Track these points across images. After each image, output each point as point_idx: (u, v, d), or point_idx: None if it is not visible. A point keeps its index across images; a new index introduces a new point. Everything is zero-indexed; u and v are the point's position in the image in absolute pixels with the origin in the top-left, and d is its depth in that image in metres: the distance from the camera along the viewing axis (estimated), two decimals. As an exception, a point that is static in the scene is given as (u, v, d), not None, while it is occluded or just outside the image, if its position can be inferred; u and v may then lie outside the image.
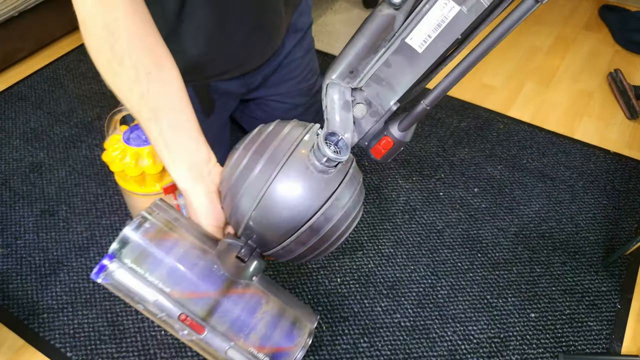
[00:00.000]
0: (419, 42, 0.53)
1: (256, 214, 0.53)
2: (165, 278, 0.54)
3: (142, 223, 0.54)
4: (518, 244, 1.04)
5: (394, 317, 0.91)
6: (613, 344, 0.89)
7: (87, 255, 0.99)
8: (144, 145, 0.76)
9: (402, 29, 0.52)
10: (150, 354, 0.85)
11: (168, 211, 0.58)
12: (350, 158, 0.56)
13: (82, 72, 1.42)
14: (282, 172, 0.52)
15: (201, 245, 0.56)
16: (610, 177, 1.18)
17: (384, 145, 0.58)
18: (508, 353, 0.87)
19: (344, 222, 0.55)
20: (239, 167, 0.54)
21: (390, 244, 1.03)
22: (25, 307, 0.91)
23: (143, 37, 0.62)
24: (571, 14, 1.76)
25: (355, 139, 0.58)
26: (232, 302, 0.55)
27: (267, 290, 0.58)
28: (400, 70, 0.56)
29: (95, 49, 0.60)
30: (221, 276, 0.55)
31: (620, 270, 0.99)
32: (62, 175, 1.14)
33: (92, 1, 0.59)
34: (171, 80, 0.62)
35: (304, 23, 1.01)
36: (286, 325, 0.57)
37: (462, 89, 1.43)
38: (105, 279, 0.53)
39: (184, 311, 0.54)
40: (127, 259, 0.53)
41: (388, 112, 0.58)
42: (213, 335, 0.54)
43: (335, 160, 0.52)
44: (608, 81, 1.46)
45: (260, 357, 0.55)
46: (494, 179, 1.17)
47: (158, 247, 0.55)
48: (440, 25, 0.51)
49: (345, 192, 0.54)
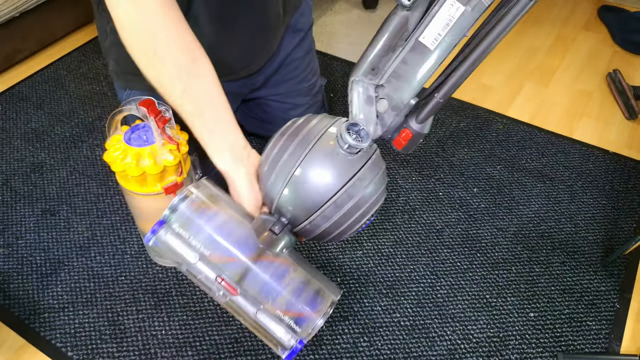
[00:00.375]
0: (430, 40, 0.58)
1: (287, 191, 0.61)
2: (206, 243, 0.62)
3: (188, 195, 0.63)
4: (517, 243, 1.04)
5: (394, 316, 0.91)
6: (612, 343, 0.89)
7: (88, 255, 0.99)
8: (145, 145, 0.76)
9: (416, 29, 0.57)
10: (150, 353, 0.85)
11: (212, 188, 0.66)
12: (373, 147, 0.64)
13: (83, 72, 1.42)
14: (309, 155, 0.60)
15: (239, 217, 0.64)
16: (609, 177, 1.19)
17: (404, 137, 0.65)
18: (507, 352, 0.87)
19: (365, 202, 0.62)
20: (273, 151, 0.62)
21: (390, 244, 1.03)
22: (26, 307, 0.91)
23: (179, 34, 0.66)
24: (570, 14, 1.76)
25: (379, 131, 0.64)
26: (263, 269, 0.62)
27: (295, 262, 0.64)
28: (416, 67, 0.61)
29: (136, 50, 0.65)
30: (255, 246, 0.62)
31: (619, 270, 1.00)
32: (63, 176, 1.14)
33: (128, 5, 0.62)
34: (207, 74, 0.67)
35: (304, 24, 1.02)
36: (310, 294, 0.63)
37: (461, 89, 1.43)
38: (155, 242, 0.62)
39: (221, 274, 0.62)
40: (175, 225, 0.62)
41: (407, 106, 0.63)
42: (245, 297, 0.62)
43: (356, 147, 0.59)
44: (607, 81, 1.47)
45: (285, 320, 0.62)
46: (493, 179, 1.17)
47: (201, 216, 0.63)
48: (448, 25, 0.56)
49: (366, 175, 0.61)
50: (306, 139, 0.61)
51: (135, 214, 0.89)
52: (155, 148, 0.76)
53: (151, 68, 0.65)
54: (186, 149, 0.79)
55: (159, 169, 0.75)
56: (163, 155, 0.76)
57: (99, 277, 0.96)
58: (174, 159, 0.76)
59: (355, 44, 1.59)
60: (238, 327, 0.89)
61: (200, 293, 0.94)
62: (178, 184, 0.80)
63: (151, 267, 0.97)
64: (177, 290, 0.94)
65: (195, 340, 0.87)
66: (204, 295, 0.93)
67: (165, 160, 0.76)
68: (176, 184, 0.79)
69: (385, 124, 0.65)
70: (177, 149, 0.76)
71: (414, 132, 0.64)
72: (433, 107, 0.61)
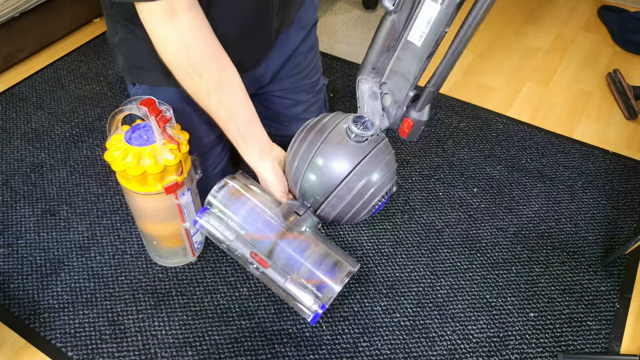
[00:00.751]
0: (417, 38, 0.66)
1: (306, 176, 0.73)
2: (240, 223, 0.77)
3: (225, 184, 0.78)
4: (517, 243, 1.04)
5: (394, 316, 0.91)
6: (612, 343, 0.89)
7: (88, 254, 0.99)
8: (145, 144, 0.76)
9: (404, 30, 0.66)
10: (150, 353, 0.85)
11: (246, 179, 0.81)
12: (380, 137, 0.74)
13: (83, 72, 1.42)
14: (323, 145, 0.71)
15: (268, 202, 0.78)
16: (609, 177, 1.19)
17: (407, 125, 0.74)
18: (507, 352, 0.87)
19: (373, 184, 0.72)
20: (295, 144, 0.75)
21: (390, 244, 1.03)
22: (26, 307, 0.91)
23: (212, 48, 0.74)
24: (570, 14, 1.76)
25: (386, 122, 0.75)
26: (288, 244, 0.76)
27: (315, 239, 0.77)
28: (409, 63, 0.69)
29: (175, 65, 0.73)
30: (281, 226, 0.76)
31: (619, 269, 1.00)
32: (63, 176, 1.14)
33: (166, 25, 0.69)
34: (235, 80, 0.77)
35: (309, 20, 1.03)
36: (329, 264, 0.75)
37: (461, 89, 1.43)
38: (201, 225, 0.78)
39: (254, 250, 0.76)
40: (215, 209, 0.78)
41: (407, 98, 0.72)
42: (274, 269, 0.75)
43: (362, 135, 0.70)
44: (607, 81, 1.47)
45: (309, 287, 0.75)
46: (493, 179, 1.17)
47: (236, 201, 0.78)
48: (429, 22, 0.63)
49: (373, 159, 0.72)
50: (321, 132, 0.73)
51: (135, 213, 0.89)
52: (155, 147, 0.76)
53: (189, 80, 0.74)
54: (187, 149, 0.79)
55: (159, 169, 0.75)
56: (164, 154, 0.76)
57: (99, 277, 0.96)
58: (174, 158, 0.76)
59: (355, 44, 1.59)
60: (238, 327, 0.89)
61: (200, 293, 0.94)
62: (179, 184, 0.80)
63: (151, 267, 0.97)
64: (177, 290, 0.94)
65: (195, 340, 0.87)
66: (204, 295, 0.93)
67: (166, 159, 0.76)
68: (177, 183, 0.79)
69: (391, 115, 0.75)
70: (178, 149, 0.76)
71: (415, 120, 0.74)
72: (427, 96, 0.70)
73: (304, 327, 0.90)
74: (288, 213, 0.75)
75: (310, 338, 0.88)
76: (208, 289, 0.94)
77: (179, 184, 0.80)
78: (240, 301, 0.93)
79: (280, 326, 0.89)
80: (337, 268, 0.75)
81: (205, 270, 0.97)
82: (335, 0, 1.79)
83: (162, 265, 0.98)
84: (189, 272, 0.97)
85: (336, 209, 0.74)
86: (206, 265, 0.98)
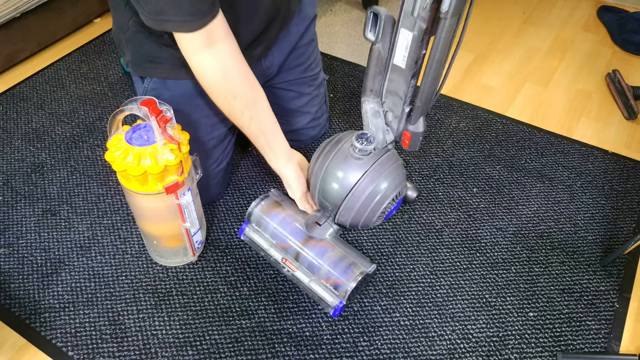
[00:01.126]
0: (400, 60, 0.77)
1: (320, 187, 0.85)
2: (272, 234, 0.93)
3: (260, 202, 0.95)
4: (517, 243, 1.04)
5: (394, 316, 0.92)
6: (611, 343, 0.90)
7: (89, 254, 0.99)
8: (146, 145, 0.77)
9: (389, 55, 0.77)
10: (151, 352, 0.85)
11: (276, 197, 0.96)
12: (384, 149, 0.84)
13: (83, 72, 1.43)
14: (332, 161, 0.83)
15: (294, 215, 0.93)
16: (608, 177, 1.19)
17: (406, 138, 0.86)
18: (507, 352, 0.88)
19: (380, 191, 0.82)
20: (313, 159, 0.88)
21: (390, 244, 1.03)
22: (27, 307, 0.91)
23: (246, 74, 0.82)
24: (570, 15, 1.76)
25: (391, 136, 0.86)
26: (310, 250, 0.89)
27: (334, 244, 0.90)
28: (398, 82, 0.80)
29: (215, 91, 0.82)
30: (304, 235, 0.90)
31: (619, 269, 1.00)
32: (64, 176, 1.15)
33: (208, 55, 0.76)
34: (262, 97, 0.87)
35: (308, 12, 1.07)
36: (344, 266, 0.87)
37: (460, 89, 1.43)
38: (246, 237, 0.98)
39: (285, 256, 0.92)
40: (253, 223, 0.96)
41: (403, 113, 0.83)
42: (301, 271, 0.90)
43: (365, 150, 0.80)
44: (606, 82, 1.47)
45: (328, 286, 0.88)
46: (492, 179, 1.17)
47: (268, 216, 0.94)
48: (407, 47, 0.74)
49: (378, 169, 0.81)
50: (333, 148, 0.84)
51: (136, 213, 0.89)
52: (156, 147, 0.76)
53: (226, 103, 0.83)
54: (187, 149, 0.79)
55: (160, 169, 0.76)
56: (164, 154, 0.76)
57: (99, 276, 0.96)
58: (175, 158, 0.77)
59: (355, 44, 1.59)
60: (238, 326, 0.89)
61: (200, 292, 0.94)
62: (179, 184, 0.80)
63: (152, 267, 0.98)
64: (177, 290, 0.94)
65: (196, 340, 0.87)
66: (204, 294, 0.94)
67: (167, 159, 0.76)
68: (177, 183, 0.79)
69: (393, 130, 0.86)
70: (179, 149, 0.77)
71: (412, 132, 0.85)
72: (417, 111, 0.81)
73: (304, 326, 0.90)
74: (311, 223, 0.89)
75: (310, 338, 0.88)
76: (208, 289, 0.95)
77: (180, 184, 0.80)
78: (241, 301, 0.93)
79: (280, 326, 0.90)
80: (351, 269, 0.86)
81: (206, 270, 0.97)
82: (335, 1, 1.79)
83: (162, 265, 0.98)
84: (190, 272, 0.97)
85: (350, 216, 0.84)
86: (206, 265, 0.98)
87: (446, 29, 0.66)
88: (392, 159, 0.85)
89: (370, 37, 0.75)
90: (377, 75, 0.80)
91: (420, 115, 0.82)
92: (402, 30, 0.72)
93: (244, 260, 0.99)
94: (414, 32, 0.71)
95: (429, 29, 0.71)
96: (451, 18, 0.65)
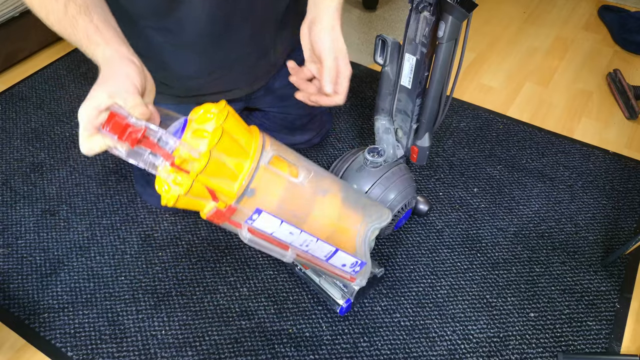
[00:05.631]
0: (406, 82, 0.87)
1: None
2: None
3: None
4: (517, 243, 1.04)
5: (394, 316, 0.91)
6: (612, 343, 0.89)
7: (88, 254, 0.99)
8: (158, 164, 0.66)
9: (397, 77, 0.87)
10: (150, 353, 0.85)
11: None
12: (395, 162, 0.92)
13: (82, 72, 1.42)
14: (347, 172, 0.91)
15: None
16: (609, 177, 1.19)
17: (414, 152, 0.96)
18: (507, 352, 0.87)
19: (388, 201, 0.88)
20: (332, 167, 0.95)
21: (390, 244, 1.03)
22: (26, 307, 0.91)
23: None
24: (570, 14, 1.76)
25: (401, 151, 0.96)
26: None
27: None
28: (406, 101, 0.90)
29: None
30: None
31: (620, 270, 1.00)
32: (63, 175, 1.14)
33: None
34: None
35: None
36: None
37: (461, 89, 1.43)
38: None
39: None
40: None
41: (411, 130, 0.93)
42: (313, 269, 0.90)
43: (375, 162, 0.89)
44: (607, 81, 1.47)
45: (337, 284, 0.89)
46: (493, 179, 1.17)
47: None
48: (411, 70, 0.85)
49: (386, 181, 0.89)
50: (346, 161, 0.93)
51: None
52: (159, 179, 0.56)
53: None
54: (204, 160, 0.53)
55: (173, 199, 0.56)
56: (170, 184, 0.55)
57: (98, 277, 0.96)
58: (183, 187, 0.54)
59: (355, 43, 1.59)
60: (238, 327, 0.89)
61: (200, 293, 0.94)
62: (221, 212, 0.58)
63: (151, 267, 0.97)
64: (177, 290, 0.94)
65: (195, 341, 0.87)
66: (204, 295, 0.93)
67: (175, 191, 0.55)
68: (219, 212, 0.58)
69: (403, 145, 0.95)
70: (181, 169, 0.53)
71: (419, 147, 0.95)
72: (422, 127, 0.93)
73: (304, 327, 0.89)
74: None
75: (310, 338, 0.88)
76: (208, 289, 0.94)
77: (225, 212, 0.57)
78: (240, 301, 0.93)
79: (280, 326, 0.89)
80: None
81: (205, 270, 0.97)
82: (335, 0, 1.79)
83: (162, 265, 0.98)
84: (189, 272, 0.97)
85: None
86: (206, 265, 0.98)
87: (443, 52, 0.79)
88: (401, 171, 0.91)
89: (379, 60, 0.86)
90: (387, 95, 0.90)
91: (426, 131, 0.93)
92: (406, 55, 0.84)
93: (243, 260, 0.99)
94: (416, 56, 0.82)
95: (430, 53, 0.82)
96: (447, 43, 0.78)
